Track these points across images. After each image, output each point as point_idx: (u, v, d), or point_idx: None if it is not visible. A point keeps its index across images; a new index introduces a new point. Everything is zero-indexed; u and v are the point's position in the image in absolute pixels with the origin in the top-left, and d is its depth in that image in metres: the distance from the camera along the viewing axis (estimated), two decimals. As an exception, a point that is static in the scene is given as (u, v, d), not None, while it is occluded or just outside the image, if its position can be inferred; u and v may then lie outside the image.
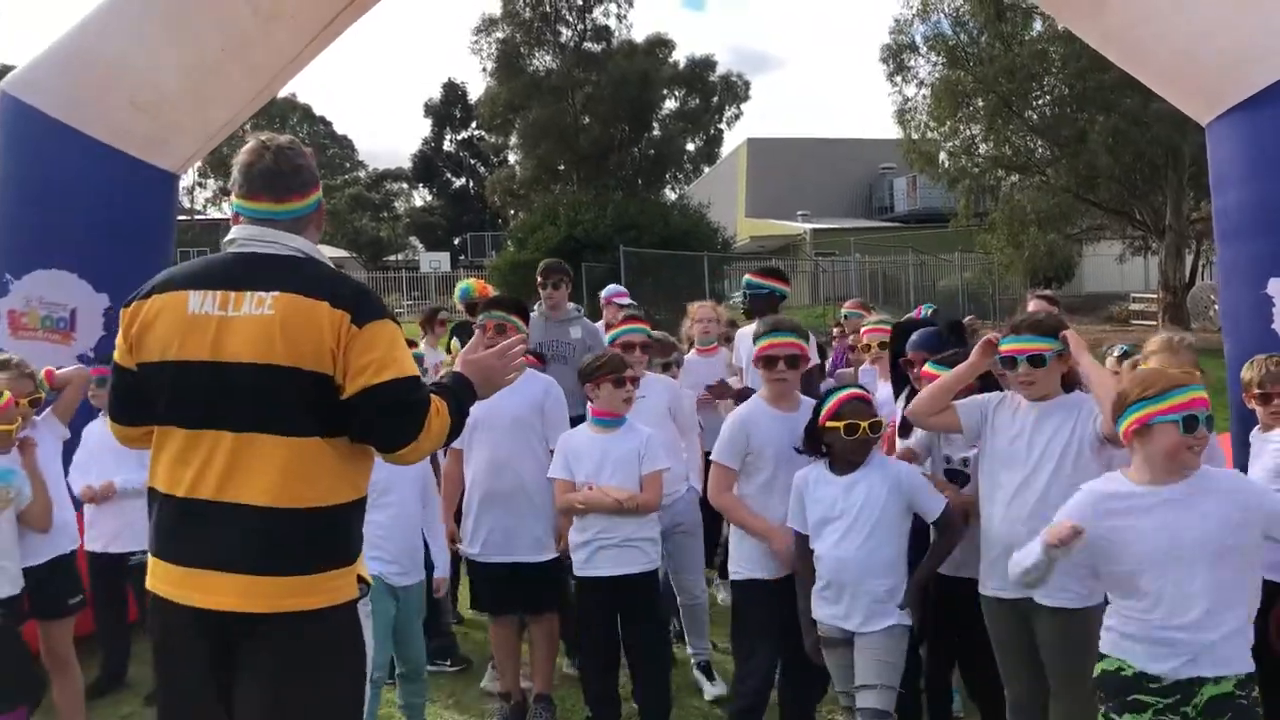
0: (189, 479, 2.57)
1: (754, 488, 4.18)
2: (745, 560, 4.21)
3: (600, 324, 7.09)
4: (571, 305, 6.87)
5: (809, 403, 4.22)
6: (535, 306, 6.90)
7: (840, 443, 3.81)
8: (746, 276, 5.75)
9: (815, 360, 5.58)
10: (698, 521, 5.17)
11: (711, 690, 5.06)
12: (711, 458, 4.35)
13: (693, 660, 5.26)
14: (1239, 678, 2.92)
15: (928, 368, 4.14)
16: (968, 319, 5.63)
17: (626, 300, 7.86)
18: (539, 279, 6.78)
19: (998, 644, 3.76)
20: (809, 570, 3.88)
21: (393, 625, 4.41)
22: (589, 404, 4.59)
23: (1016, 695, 3.73)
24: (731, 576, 4.35)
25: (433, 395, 2.69)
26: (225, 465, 2.55)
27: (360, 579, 2.73)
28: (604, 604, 4.43)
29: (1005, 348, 3.65)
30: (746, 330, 6.11)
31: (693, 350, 6.37)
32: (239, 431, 2.55)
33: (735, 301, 13.99)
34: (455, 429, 2.76)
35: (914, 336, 4.49)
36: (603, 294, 7.80)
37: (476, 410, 4.48)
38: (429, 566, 4.63)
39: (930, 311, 4.70)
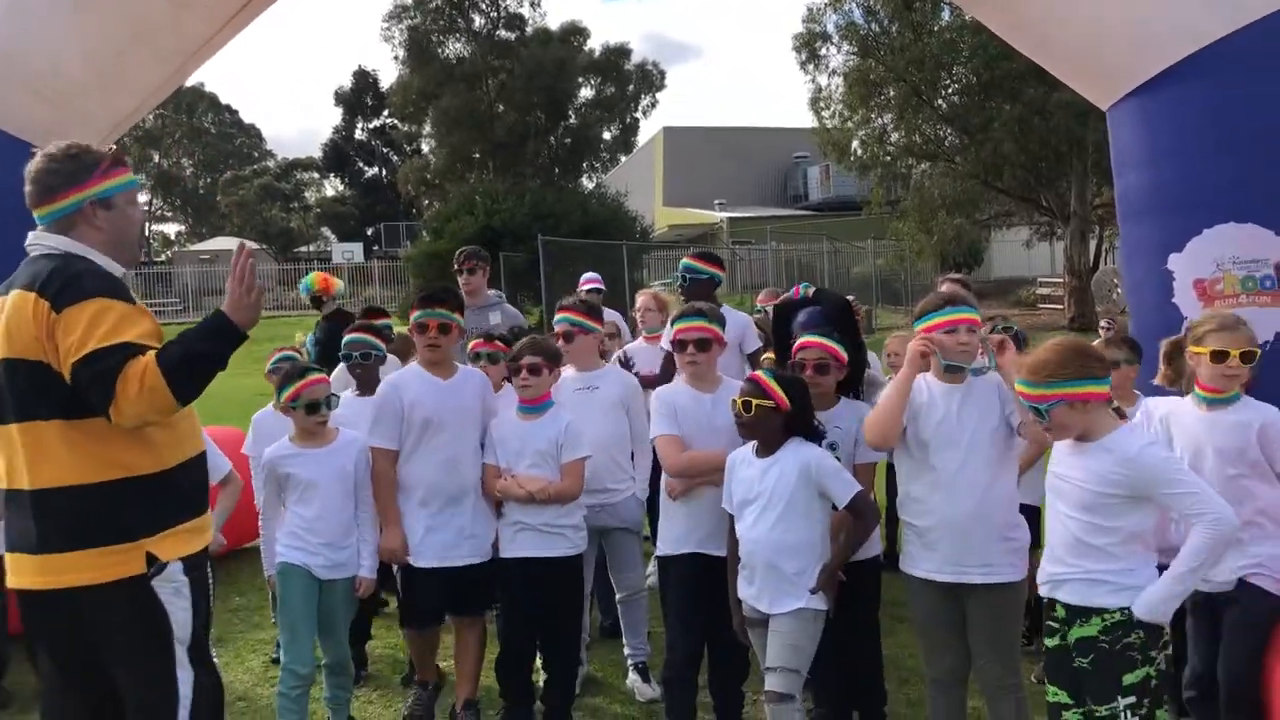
0: (2, 470, 2.93)
1: None
2: (667, 537, 4.30)
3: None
4: (492, 292, 6.90)
5: (730, 383, 4.32)
6: None
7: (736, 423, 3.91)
8: (685, 260, 5.79)
9: (758, 344, 5.72)
10: (639, 521, 5.15)
11: (646, 693, 4.94)
12: (653, 436, 4.36)
13: (629, 661, 5.13)
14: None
15: (806, 338, 4.16)
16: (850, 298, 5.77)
17: (590, 287, 7.99)
18: (456, 265, 6.78)
19: (924, 624, 3.86)
20: (735, 549, 3.94)
21: (317, 616, 4.41)
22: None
23: (939, 673, 3.83)
24: (656, 553, 4.43)
25: (140, 356, 2.77)
26: (12, 454, 2.88)
27: (152, 556, 2.87)
28: (524, 585, 4.46)
29: (943, 319, 3.67)
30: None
31: (639, 338, 6.37)
32: (14, 423, 2.86)
33: (656, 287, 14.10)
34: (183, 377, 2.78)
35: (801, 317, 4.52)
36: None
37: (426, 408, 4.39)
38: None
39: (809, 291, 4.74)
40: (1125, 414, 3.38)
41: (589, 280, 8.32)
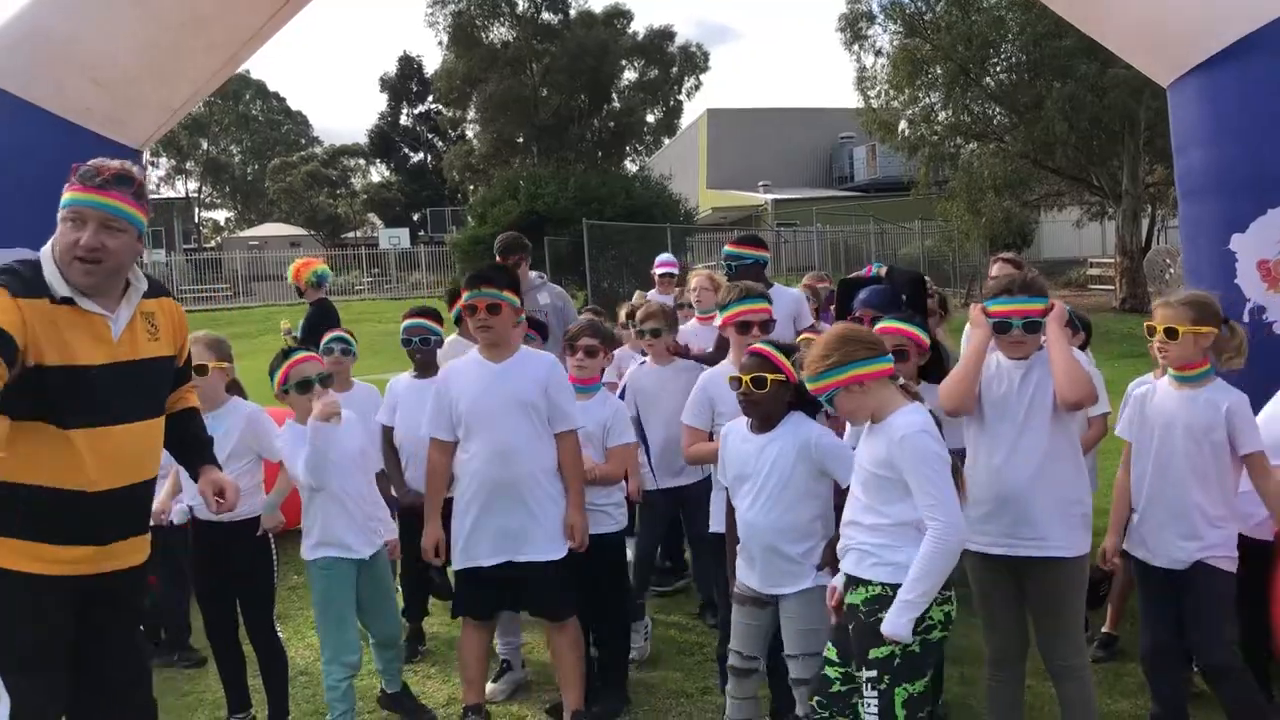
0: None
1: None
2: (717, 517, 4.27)
3: (653, 293, 7.26)
4: (534, 274, 6.92)
5: None
6: None
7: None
8: (727, 248, 5.79)
9: (811, 320, 5.75)
10: None
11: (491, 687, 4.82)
12: (682, 419, 4.42)
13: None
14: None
15: (884, 323, 4.02)
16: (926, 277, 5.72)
17: (663, 270, 7.95)
18: (499, 258, 6.75)
19: (982, 596, 3.81)
20: (734, 526, 3.85)
21: (356, 603, 4.37)
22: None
23: (998, 647, 3.79)
24: (710, 529, 4.40)
25: None
26: None
27: None
28: (570, 564, 4.39)
29: (997, 309, 3.62)
30: None
31: (693, 319, 6.28)
32: None
33: (703, 269, 14.13)
34: None
35: (863, 294, 4.44)
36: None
37: (469, 396, 4.23)
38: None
39: (882, 271, 4.65)
40: (915, 392, 3.40)
41: (663, 263, 8.21)
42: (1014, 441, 3.61)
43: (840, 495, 3.65)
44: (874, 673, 3.16)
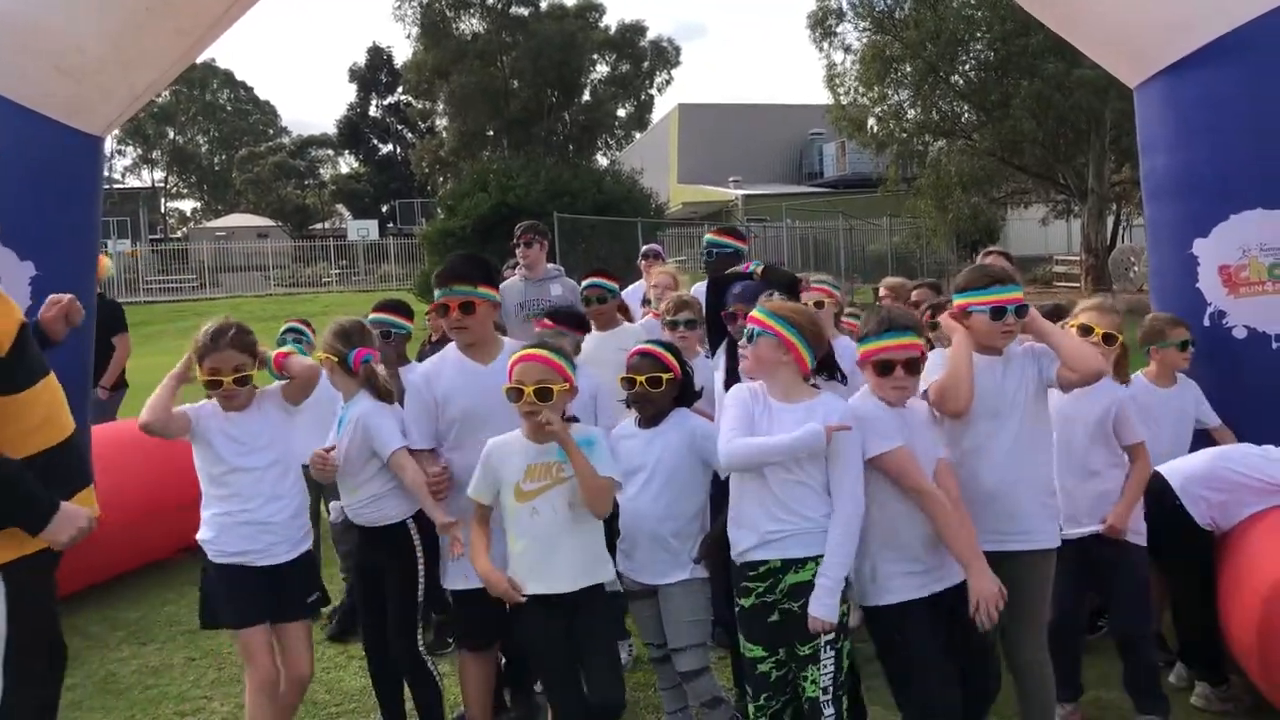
0: None
1: None
2: None
3: (640, 284, 7.23)
4: (551, 265, 6.89)
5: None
6: (513, 268, 6.91)
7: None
8: (708, 235, 5.82)
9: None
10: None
11: None
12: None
13: None
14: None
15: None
16: (916, 293, 5.75)
17: (647, 248, 7.93)
18: (514, 239, 6.79)
19: None
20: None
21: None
22: None
23: None
24: None
25: None
26: None
27: None
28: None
29: (991, 299, 3.59)
30: (702, 286, 6.10)
31: (648, 314, 6.25)
32: None
33: (671, 266, 14.14)
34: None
35: (736, 288, 4.37)
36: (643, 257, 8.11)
37: (459, 402, 3.90)
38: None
39: (759, 269, 4.65)
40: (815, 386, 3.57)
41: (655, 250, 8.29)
42: (998, 437, 3.60)
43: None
44: (831, 634, 3.28)
